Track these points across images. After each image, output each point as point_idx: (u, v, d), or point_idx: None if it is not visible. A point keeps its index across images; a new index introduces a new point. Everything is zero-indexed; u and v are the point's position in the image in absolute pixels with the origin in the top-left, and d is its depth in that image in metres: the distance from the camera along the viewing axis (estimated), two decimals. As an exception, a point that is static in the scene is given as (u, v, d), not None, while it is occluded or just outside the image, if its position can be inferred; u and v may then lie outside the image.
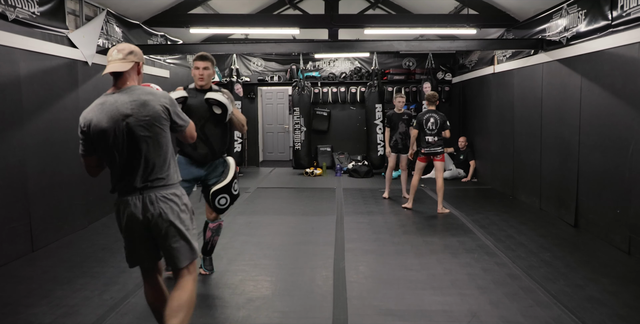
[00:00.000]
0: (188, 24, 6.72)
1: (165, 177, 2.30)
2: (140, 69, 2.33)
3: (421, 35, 9.07)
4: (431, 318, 2.96)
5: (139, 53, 2.33)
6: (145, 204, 2.26)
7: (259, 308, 3.13)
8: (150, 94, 2.25)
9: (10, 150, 4.08)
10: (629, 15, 4.13)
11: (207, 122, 3.42)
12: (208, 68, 3.42)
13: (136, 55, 2.30)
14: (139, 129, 2.20)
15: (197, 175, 3.58)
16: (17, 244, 4.13)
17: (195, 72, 3.42)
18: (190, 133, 2.45)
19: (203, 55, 3.41)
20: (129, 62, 2.25)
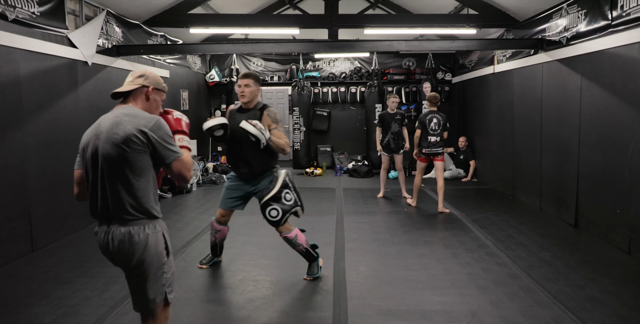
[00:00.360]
0: (188, 24, 6.71)
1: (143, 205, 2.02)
2: (150, 94, 2.15)
3: (421, 35, 9.07)
4: (431, 318, 2.96)
5: (151, 77, 2.19)
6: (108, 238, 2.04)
7: (259, 308, 3.13)
8: (132, 116, 2.02)
9: (10, 150, 4.08)
10: (629, 15, 4.13)
11: (245, 143, 3.43)
12: (249, 85, 3.50)
13: (146, 78, 2.17)
14: (105, 146, 2.00)
15: (247, 190, 3.65)
16: (17, 244, 4.13)
17: (237, 90, 3.56)
18: (179, 170, 2.04)
19: (245, 73, 3.57)
20: (134, 85, 2.14)
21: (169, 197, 7.01)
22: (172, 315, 2.99)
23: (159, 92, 2.22)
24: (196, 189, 7.74)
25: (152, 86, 2.17)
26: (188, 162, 2.08)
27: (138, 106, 2.14)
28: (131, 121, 2.01)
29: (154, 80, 2.19)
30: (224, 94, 9.94)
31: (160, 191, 6.90)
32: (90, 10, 5.47)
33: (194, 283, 3.56)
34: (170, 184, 7.23)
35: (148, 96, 2.16)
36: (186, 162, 2.07)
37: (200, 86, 9.69)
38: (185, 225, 5.33)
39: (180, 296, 3.31)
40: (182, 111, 8.47)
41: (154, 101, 2.18)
